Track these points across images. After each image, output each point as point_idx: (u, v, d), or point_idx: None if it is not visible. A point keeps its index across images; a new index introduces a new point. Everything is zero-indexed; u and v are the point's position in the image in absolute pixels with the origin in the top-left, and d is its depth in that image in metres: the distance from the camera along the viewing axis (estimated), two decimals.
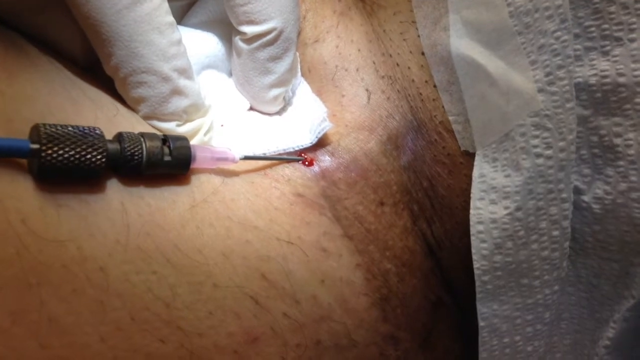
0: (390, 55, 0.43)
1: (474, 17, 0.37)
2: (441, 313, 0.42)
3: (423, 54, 0.41)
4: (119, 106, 0.34)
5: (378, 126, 0.41)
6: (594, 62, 0.36)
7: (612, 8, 0.34)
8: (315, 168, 0.39)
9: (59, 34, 0.34)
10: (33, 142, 0.27)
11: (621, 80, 0.35)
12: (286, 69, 0.39)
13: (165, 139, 0.32)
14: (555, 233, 0.37)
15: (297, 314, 0.34)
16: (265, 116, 0.42)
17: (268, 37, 0.37)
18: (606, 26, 0.35)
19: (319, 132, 0.39)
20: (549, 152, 0.35)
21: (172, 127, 0.35)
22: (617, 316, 0.38)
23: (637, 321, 0.38)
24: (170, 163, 0.32)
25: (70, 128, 0.28)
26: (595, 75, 0.35)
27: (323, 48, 0.44)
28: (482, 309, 0.38)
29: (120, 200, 0.30)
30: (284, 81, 0.40)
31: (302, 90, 0.43)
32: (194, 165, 0.34)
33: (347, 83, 0.43)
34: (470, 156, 0.39)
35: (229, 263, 0.33)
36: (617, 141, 0.36)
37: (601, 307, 0.40)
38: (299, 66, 0.43)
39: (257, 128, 0.40)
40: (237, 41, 0.39)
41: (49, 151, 0.27)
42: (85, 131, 0.28)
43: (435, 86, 0.40)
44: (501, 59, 0.36)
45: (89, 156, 0.28)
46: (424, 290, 0.41)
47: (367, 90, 0.42)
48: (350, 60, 0.43)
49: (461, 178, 0.40)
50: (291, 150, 0.39)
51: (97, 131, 0.29)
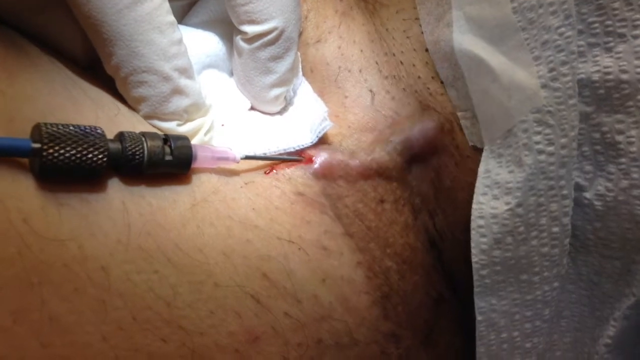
0: (393, 54, 0.43)
1: (477, 13, 0.36)
2: (443, 309, 0.42)
3: (427, 51, 0.41)
4: (120, 106, 0.34)
5: (382, 126, 0.41)
6: (597, 59, 0.35)
7: (616, 4, 0.34)
8: (315, 167, 0.39)
9: (60, 34, 0.34)
10: (34, 142, 0.27)
11: (624, 77, 0.35)
12: (287, 69, 0.39)
13: (166, 139, 0.32)
14: (555, 229, 0.37)
15: (298, 313, 0.34)
16: (266, 116, 0.42)
17: (269, 37, 0.37)
18: (609, 22, 0.35)
19: (320, 131, 0.39)
20: (551, 149, 0.35)
21: (173, 127, 0.35)
22: (618, 314, 0.38)
23: (638, 319, 0.38)
24: (171, 162, 0.32)
25: (71, 127, 0.28)
26: (598, 71, 0.35)
27: (325, 48, 0.44)
28: (480, 303, 0.38)
29: (121, 199, 0.30)
30: (285, 81, 0.40)
31: (303, 90, 0.43)
32: (195, 164, 0.34)
33: (350, 84, 0.43)
34: (477, 150, 0.39)
35: (230, 262, 0.33)
36: (619, 138, 0.36)
37: (602, 305, 0.40)
38: (300, 66, 0.43)
39: (258, 128, 0.40)
40: (238, 41, 0.39)
41: (51, 150, 0.27)
42: (86, 130, 0.28)
43: (442, 82, 0.40)
44: (504, 55, 0.36)
45: (91, 155, 0.28)
46: (425, 286, 0.41)
47: (371, 91, 0.42)
48: (353, 61, 0.43)
49: (467, 171, 0.40)
50: (292, 149, 0.39)
51: (99, 130, 0.29)
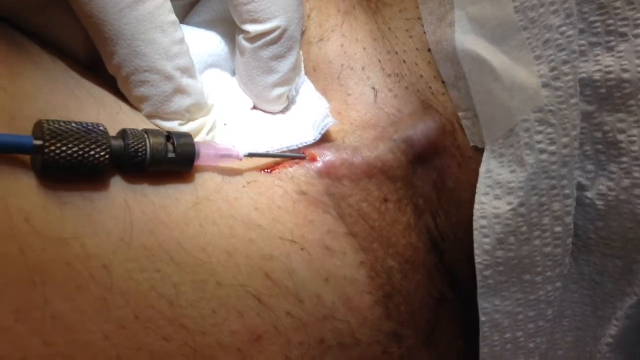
0: (396, 52, 0.43)
1: (479, 13, 0.36)
2: (444, 309, 0.42)
3: (429, 51, 0.41)
4: (122, 104, 0.34)
5: (385, 123, 0.41)
6: (599, 58, 0.35)
7: (617, 3, 0.34)
8: (319, 165, 0.39)
9: (61, 33, 0.34)
10: (36, 138, 0.26)
11: (625, 76, 0.34)
12: (290, 68, 0.39)
13: (169, 136, 0.32)
14: (557, 229, 0.37)
15: (301, 313, 0.34)
16: (268, 115, 0.42)
17: (271, 36, 0.37)
18: (611, 21, 0.35)
19: (322, 128, 0.39)
20: (553, 148, 0.35)
21: (175, 126, 0.35)
22: (620, 313, 0.38)
23: None
24: (174, 160, 0.32)
25: (73, 124, 0.28)
26: (599, 70, 0.35)
27: (328, 47, 0.44)
28: (484, 304, 0.38)
29: (123, 197, 0.30)
30: (288, 80, 0.40)
31: (306, 88, 0.43)
32: (198, 162, 0.33)
33: (353, 82, 0.43)
34: (479, 150, 0.39)
35: (233, 261, 0.32)
36: (621, 137, 0.35)
37: (604, 305, 0.39)
38: (303, 65, 0.43)
39: (260, 126, 0.40)
40: (241, 40, 0.39)
41: (52, 147, 0.26)
42: (88, 127, 0.28)
43: (444, 82, 0.40)
44: (506, 54, 0.36)
45: (93, 152, 0.28)
46: (427, 286, 0.41)
47: (374, 88, 0.42)
48: (355, 59, 0.43)
49: (469, 172, 0.40)
50: (294, 147, 0.39)
51: (101, 127, 0.29)
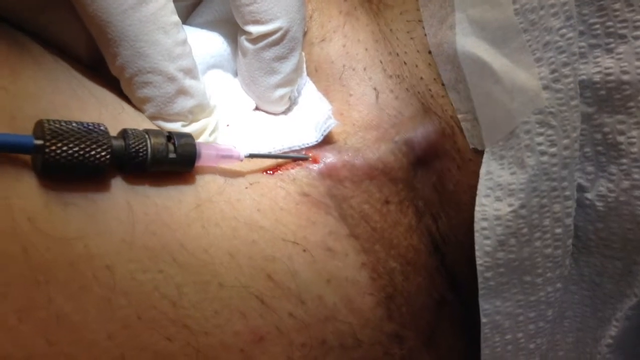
0: (397, 54, 0.43)
1: (480, 15, 0.36)
2: (445, 311, 0.42)
3: (430, 53, 0.41)
4: (124, 105, 0.34)
5: (386, 125, 0.41)
6: (598, 60, 0.35)
7: (617, 5, 0.34)
8: (321, 166, 0.39)
9: (63, 33, 0.34)
10: (37, 138, 0.26)
11: (625, 78, 0.35)
12: (292, 69, 0.39)
13: (170, 136, 0.32)
14: (558, 231, 0.37)
15: (303, 314, 0.34)
16: (270, 116, 0.42)
17: (274, 37, 0.37)
18: (610, 23, 0.35)
19: (325, 130, 0.39)
20: (553, 150, 0.35)
21: (178, 128, 0.35)
22: (620, 314, 0.38)
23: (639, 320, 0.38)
24: (175, 160, 0.32)
25: (74, 124, 0.28)
26: (599, 72, 0.35)
27: (330, 47, 0.44)
28: (485, 306, 0.38)
29: (125, 199, 0.30)
30: (290, 81, 0.40)
31: (308, 89, 0.43)
32: (199, 162, 0.33)
33: (355, 82, 0.43)
34: (479, 153, 0.39)
35: (235, 263, 0.33)
36: (621, 139, 0.36)
37: (604, 306, 0.40)
38: (305, 66, 0.43)
39: (263, 127, 0.40)
40: (243, 41, 0.39)
41: (53, 147, 0.26)
42: (89, 127, 0.28)
43: (444, 84, 0.40)
44: (506, 57, 0.36)
45: (94, 152, 0.28)
46: (429, 288, 0.41)
47: (375, 89, 0.42)
48: (357, 59, 0.43)
49: (469, 174, 0.40)
50: (297, 148, 0.39)
51: (102, 127, 0.29)
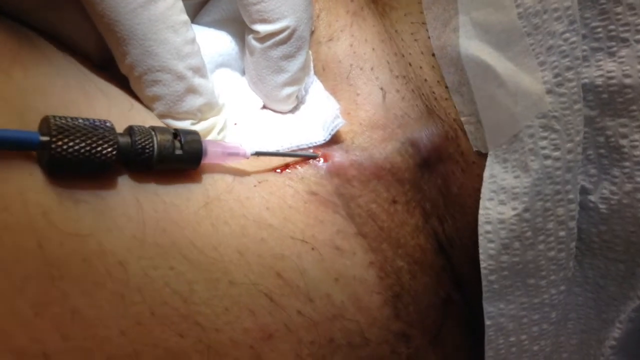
0: (402, 55, 0.43)
1: (483, 18, 0.37)
2: (451, 310, 0.42)
3: (434, 55, 0.41)
4: (133, 102, 0.34)
5: (393, 125, 0.41)
6: (600, 63, 0.36)
7: (619, 9, 0.34)
8: (329, 165, 0.39)
9: (73, 32, 0.34)
10: (43, 135, 0.26)
11: (627, 81, 0.35)
12: (299, 68, 0.40)
13: (176, 133, 0.32)
14: (561, 234, 0.37)
15: (311, 312, 0.34)
16: (278, 114, 0.42)
17: (281, 36, 0.38)
18: (612, 27, 0.35)
19: (332, 129, 0.39)
20: (557, 154, 0.35)
21: (187, 126, 0.35)
22: (623, 317, 0.38)
23: None
24: (181, 157, 0.32)
25: (80, 120, 0.27)
26: (601, 76, 0.36)
27: (337, 46, 0.44)
28: (489, 308, 0.38)
29: (135, 196, 0.30)
30: (297, 80, 0.40)
31: (315, 88, 0.43)
32: (205, 160, 0.33)
33: (362, 82, 0.43)
34: (482, 156, 0.39)
35: (245, 261, 0.33)
36: (623, 142, 0.36)
37: (607, 308, 0.40)
38: (312, 64, 0.43)
39: (270, 126, 0.40)
40: (250, 40, 0.39)
41: (59, 142, 0.26)
42: (95, 123, 0.28)
43: (447, 87, 0.40)
44: (510, 60, 0.36)
45: (100, 148, 0.28)
46: (435, 287, 0.41)
47: (382, 89, 0.42)
48: (365, 59, 0.43)
49: (473, 177, 0.40)
50: (304, 147, 0.39)
51: (108, 124, 0.29)
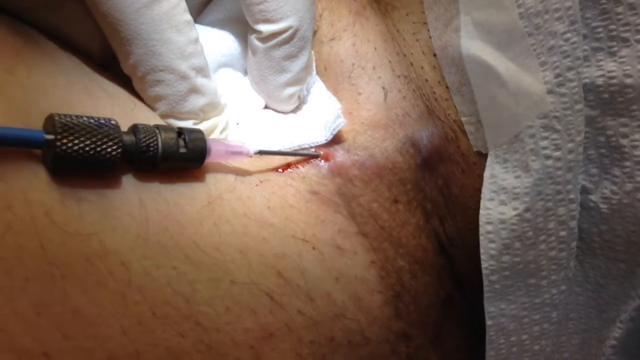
0: (404, 55, 0.43)
1: (485, 19, 0.37)
2: (451, 310, 0.43)
3: (435, 55, 0.41)
4: (136, 101, 0.35)
5: (394, 124, 0.41)
6: (601, 63, 0.36)
7: (620, 9, 0.34)
8: (330, 165, 0.39)
9: (76, 31, 0.34)
10: (48, 133, 0.26)
11: (628, 81, 0.35)
12: (301, 68, 0.39)
13: (180, 132, 0.32)
14: (562, 233, 0.37)
15: (312, 311, 0.34)
16: (280, 114, 0.42)
17: (284, 36, 0.38)
18: (613, 27, 0.35)
19: (334, 129, 0.39)
20: (558, 154, 0.35)
21: (189, 126, 0.35)
22: (624, 316, 0.38)
23: None
24: (185, 155, 0.32)
25: (84, 118, 0.28)
26: (602, 76, 0.36)
27: (340, 46, 0.44)
28: (490, 308, 0.38)
29: (138, 195, 0.30)
30: (299, 80, 0.40)
31: (317, 88, 0.43)
32: (209, 158, 0.33)
33: (364, 81, 0.43)
34: (483, 156, 0.39)
35: (246, 260, 0.33)
36: (624, 142, 0.36)
37: (608, 307, 0.40)
38: (314, 64, 0.43)
39: (272, 126, 0.40)
40: (253, 39, 0.39)
41: (64, 140, 0.26)
42: (100, 122, 0.28)
43: (447, 87, 0.40)
44: (511, 60, 0.36)
45: (105, 146, 0.28)
46: (436, 287, 0.41)
47: (384, 88, 0.42)
48: (367, 58, 0.43)
49: (474, 178, 0.40)
50: (306, 146, 0.39)
51: (113, 122, 0.29)
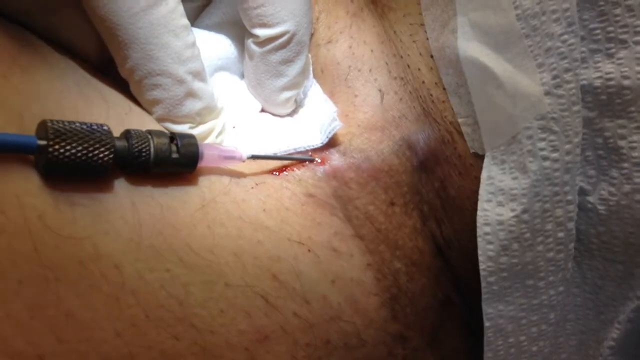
0: (401, 56, 0.43)
1: (482, 20, 0.37)
2: (449, 312, 0.43)
3: (432, 57, 0.41)
4: (132, 105, 0.35)
5: (390, 126, 0.41)
6: (599, 65, 0.35)
7: (618, 10, 0.34)
8: (326, 168, 0.39)
9: (73, 35, 0.34)
10: (40, 138, 0.26)
11: (626, 83, 0.35)
12: (298, 72, 0.40)
13: (172, 137, 0.32)
14: (560, 235, 0.37)
15: (307, 314, 0.34)
16: (276, 118, 0.42)
17: (280, 40, 0.38)
18: (611, 29, 0.35)
19: (330, 132, 0.39)
20: (555, 155, 0.35)
21: (186, 130, 0.35)
22: (622, 317, 0.38)
23: None
24: (178, 161, 0.32)
25: (77, 124, 0.28)
26: (600, 77, 0.35)
27: (336, 48, 0.44)
28: (488, 310, 0.38)
29: (130, 199, 0.30)
30: (296, 84, 0.40)
31: (314, 91, 0.43)
32: (202, 163, 0.33)
33: (360, 83, 0.43)
34: (479, 158, 0.39)
35: (240, 263, 0.33)
36: (622, 143, 0.36)
37: (606, 308, 0.40)
38: (311, 68, 0.43)
39: (269, 129, 0.40)
40: (250, 44, 0.39)
41: (57, 146, 0.26)
42: (92, 127, 0.28)
43: (444, 88, 0.40)
44: (509, 62, 0.36)
45: (97, 152, 0.28)
46: (433, 289, 0.41)
47: (380, 90, 0.42)
48: (363, 60, 0.43)
49: (471, 180, 0.40)
50: (302, 150, 0.39)
51: (105, 127, 0.29)
